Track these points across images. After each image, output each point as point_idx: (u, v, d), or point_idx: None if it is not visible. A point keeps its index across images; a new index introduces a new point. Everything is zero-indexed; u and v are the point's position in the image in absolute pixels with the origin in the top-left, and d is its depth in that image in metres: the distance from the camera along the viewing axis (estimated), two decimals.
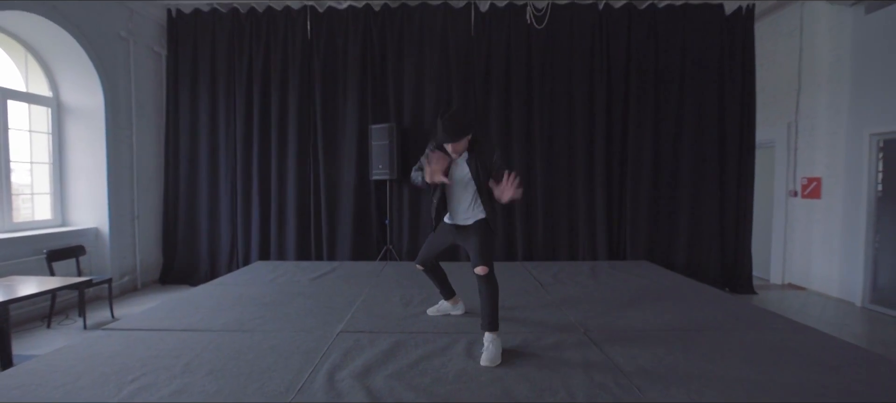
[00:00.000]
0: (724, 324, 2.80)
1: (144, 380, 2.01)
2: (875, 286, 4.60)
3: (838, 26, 4.94)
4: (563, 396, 1.89)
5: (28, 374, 2.09)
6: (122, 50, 5.17)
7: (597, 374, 2.08)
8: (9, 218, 4.33)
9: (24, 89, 4.58)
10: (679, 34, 5.25)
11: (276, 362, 2.22)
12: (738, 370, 2.13)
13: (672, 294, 3.52)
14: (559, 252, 5.31)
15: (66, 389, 1.93)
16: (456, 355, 2.31)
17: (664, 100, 5.28)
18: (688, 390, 1.93)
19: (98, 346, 2.41)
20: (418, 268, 2.86)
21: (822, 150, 5.18)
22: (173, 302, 3.32)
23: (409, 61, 5.33)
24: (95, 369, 2.13)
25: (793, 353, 2.34)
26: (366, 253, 5.39)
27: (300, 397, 1.88)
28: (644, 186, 5.28)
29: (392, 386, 1.96)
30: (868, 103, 4.62)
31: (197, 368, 2.14)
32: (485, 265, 2.41)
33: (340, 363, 2.20)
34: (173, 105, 5.59)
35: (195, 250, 5.64)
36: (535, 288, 3.68)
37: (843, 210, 4.89)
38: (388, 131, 4.98)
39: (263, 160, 5.50)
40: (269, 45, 5.47)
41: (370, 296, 3.42)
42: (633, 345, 2.44)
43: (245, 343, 2.47)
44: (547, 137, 5.30)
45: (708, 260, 5.28)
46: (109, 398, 1.86)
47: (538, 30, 5.24)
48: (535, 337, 2.57)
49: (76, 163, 4.94)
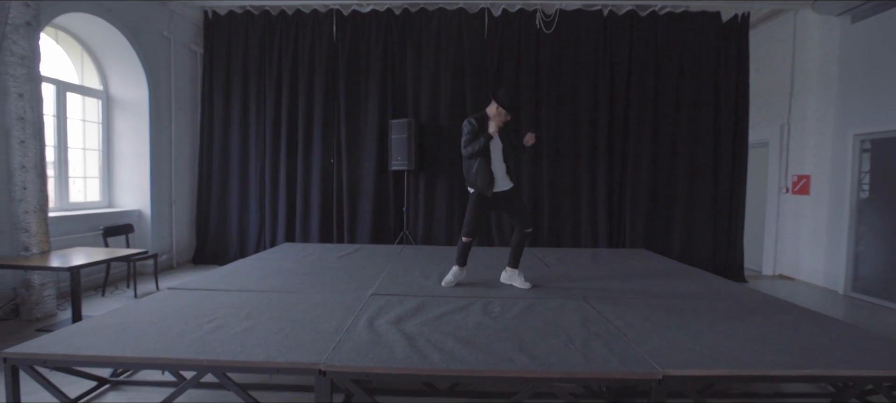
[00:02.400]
0: (705, 296, 3.20)
1: (218, 322, 2.45)
2: (856, 275, 4.96)
3: (827, 34, 5.30)
4: (563, 340, 2.30)
5: (120, 315, 2.54)
6: (164, 48, 5.64)
7: (592, 325, 2.50)
8: (66, 198, 4.81)
9: (78, 83, 5.06)
10: (678, 39, 5.63)
11: (323, 312, 2.65)
12: (711, 325, 2.54)
13: (664, 274, 3.92)
14: (563, 239, 5.72)
15: (157, 325, 2.37)
16: (474, 312, 2.73)
17: (663, 100, 5.67)
18: (666, 338, 2.34)
19: (169, 301, 2.86)
20: (465, 240, 3.32)
21: (811, 149, 5.54)
22: (220, 272, 3.77)
23: (427, 61, 5.77)
24: (174, 314, 2.57)
25: (760, 315, 2.74)
26: (384, 239, 5.84)
27: (348, 336, 2.30)
28: (643, 181, 5.67)
29: (422, 331, 2.39)
30: (853, 106, 4.98)
31: (259, 316, 2.57)
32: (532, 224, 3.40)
33: (377, 314, 2.63)
34: (208, 99, 6.06)
35: (225, 234, 6.11)
36: (540, 268, 4.09)
37: (829, 205, 5.25)
38: (407, 126, 5.41)
39: (290, 152, 5.96)
40: (298, 45, 5.92)
41: (393, 270, 3.85)
42: (625, 308, 2.85)
43: (293, 300, 2.90)
44: (553, 134, 5.71)
45: (702, 251, 5.66)
46: (194, 332, 2.30)
47: (547, 34, 5.66)
48: (540, 302, 2.98)
49: (122, 151, 5.42)
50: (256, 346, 2.12)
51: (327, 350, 2.09)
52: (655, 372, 1.94)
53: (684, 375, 1.95)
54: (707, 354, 2.12)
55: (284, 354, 2.04)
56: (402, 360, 2.02)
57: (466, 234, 3.30)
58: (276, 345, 2.13)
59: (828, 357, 2.13)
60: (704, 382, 2.28)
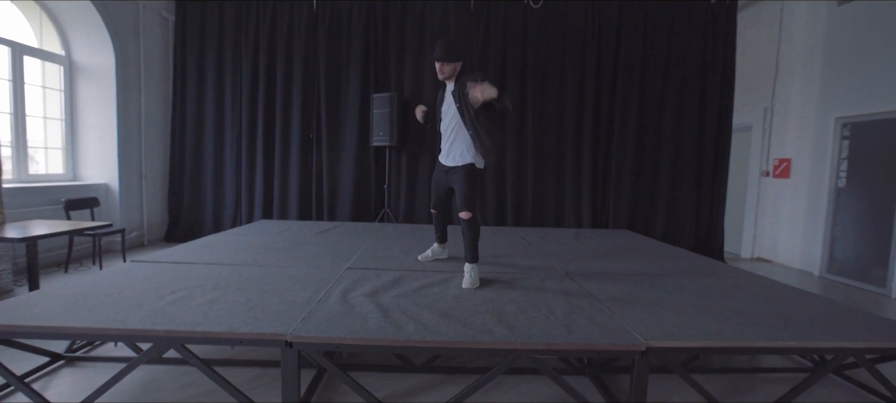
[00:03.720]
0: (687, 271, 3.17)
1: (182, 294, 2.30)
2: (832, 257, 5.04)
3: (814, 17, 5.29)
4: (545, 312, 2.23)
5: (75, 286, 2.36)
6: (132, 13, 5.33)
7: (574, 299, 2.43)
8: (25, 169, 4.53)
9: (37, 46, 4.74)
10: (666, 21, 5.55)
11: (295, 285, 2.52)
12: (694, 300, 2.50)
13: (648, 253, 3.89)
14: (546, 219, 5.67)
15: (114, 297, 2.22)
16: (453, 285, 2.64)
17: (650, 82, 5.61)
18: (649, 312, 2.28)
19: (133, 272, 2.69)
20: (433, 212, 3.16)
21: (793, 133, 5.57)
22: (190, 246, 3.59)
23: (411, 34, 5.58)
24: (136, 286, 2.41)
25: (742, 291, 2.71)
26: (365, 216, 5.70)
27: (319, 308, 2.18)
28: (628, 162, 5.63)
29: (398, 303, 2.28)
30: (836, 89, 4.99)
31: (226, 287, 2.43)
32: (468, 210, 2.73)
33: (351, 287, 2.52)
34: (180, 69, 5.78)
35: (199, 210, 5.89)
36: (523, 246, 4.02)
37: (808, 188, 5.30)
38: (389, 100, 5.25)
39: (268, 125, 5.74)
40: (276, 14, 5.66)
41: (372, 246, 3.73)
42: (607, 282, 2.80)
43: (265, 273, 2.77)
44: (538, 113, 5.60)
45: (683, 232, 5.68)
46: (154, 302, 2.15)
47: (534, 10, 5.52)
48: (522, 276, 2.90)
49: (87, 122, 5.13)
50: (219, 317, 1.99)
51: (296, 321, 1.98)
52: (639, 344, 1.87)
53: (668, 347, 1.90)
54: (690, 327, 2.07)
55: (249, 325, 1.91)
56: (375, 331, 1.92)
57: (432, 205, 3.19)
58: (241, 317, 2.00)
59: (809, 330, 2.10)
60: (688, 353, 2.24)
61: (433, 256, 3.29)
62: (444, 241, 3.29)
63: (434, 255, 3.29)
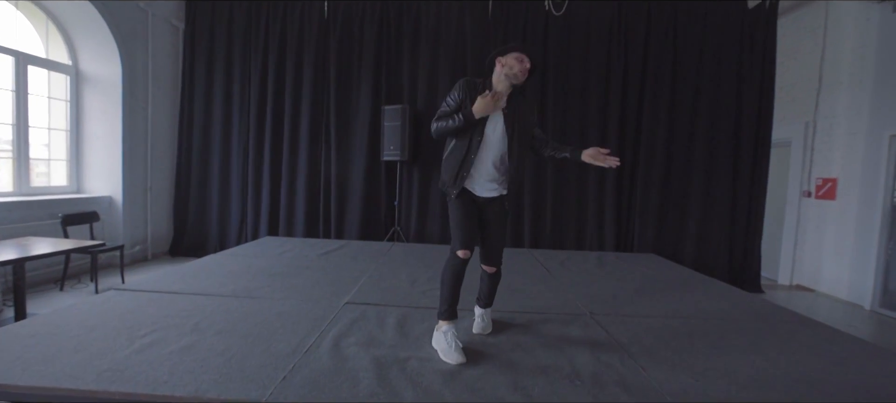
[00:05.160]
0: (730, 315, 2.78)
1: (155, 336, 2.05)
2: (886, 289, 4.53)
3: (864, 24, 4.82)
4: (568, 372, 1.89)
5: (42, 325, 2.14)
6: (141, 22, 5.20)
7: (602, 354, 2.09)
8: (26, 182, 4.41)
9: (43, 56, 4.64)
10: (699, 27, 5.16)
11: (283, 326, 2.25)
12: (745, 357, 2.12)
13: (679, 285, 3.50)
14: (566, 241, 5.29)
15: (79, 340, 1.98)
16: (462, 330, 2.32)
17: (680, 92, 5.22)
18: (693, 373, 1.93)
19: (111, 304, 2.46)
20: (464, 255, 2.08)
21: (839, 151, 5.08)
22: (184, 269, 3.37)
23: (425, 45, 5.31)
24: (108, 323, 2.17)
25: (799, 344, 2.32)
26: (373, 234, 5.42)
27: (306, 359, 1.90)
28: (655, 179, 5.23)
29: (397, 356, 1.98)
30: (890, 104, 4.52)
31: (206, 328, 2.17)
32: (500, 264, 2.24)
33: (347, 330, 2.23)
34: (189, 79, 5.63)
35: (205, 224, 5.71)
36: (542, 274, 3.68)
37: (858, 212, 4.81)
38: (401, 112, 4.98)
39: (276, 138, 5.54)
40: (286, 24, 5.47)
41: (377, 273, 3.45)
42: (639, 329, 2.44)
43: (253, 308, 2.50)
44: (559, 126, 5.26)
45: (716, 256, 5.23)
46: (121, 348, 1.90)
47: (556, 17, 5.19)
48: (541, 319, 2.57)
49: (92, 132, 5.00)
50: (188, 373, 1.72)
51: (275, 380, 1.69)
52: None
53: None
54: (745, 395, 1.71)
55: (219, 385, 1.64)
56: (366, 396, 1.62)
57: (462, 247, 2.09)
58: (213, 373, 1.73)
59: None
60: None
61: (480, 326, 2.34)
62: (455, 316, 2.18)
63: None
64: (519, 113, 2.14)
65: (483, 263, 2.27)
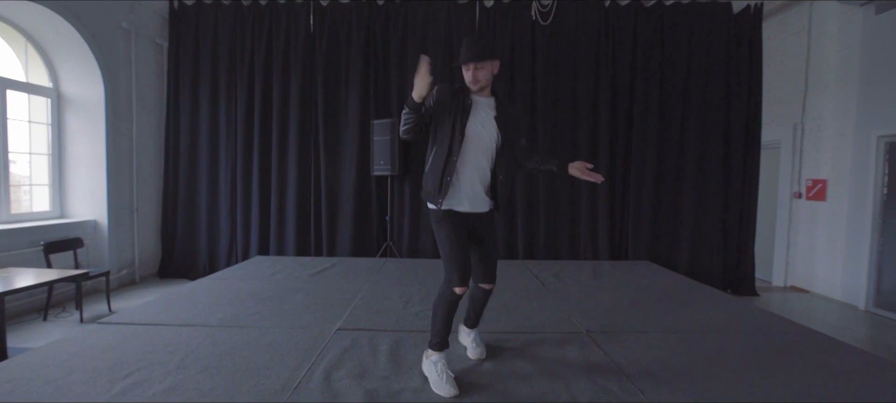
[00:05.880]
0: (728, 327, 2.76)
1: (138, 376, 1.97)
2: (879, 289, 4.55)
3: (847, 26, 4.88)
4: (566, 398, 1.85)
5: (20, 367, 2.05)
6: (124, 41, 5.11)
7: (600, 378, 2.04)
8: (6, 209, 4.29)
9: (23, 79, 4.54)
10: (686, 32, 5.18)
11: (272, 359, 2.18)
12: (743, 372, 2.09)
13: (674, 295, 3.48)
14: (560, 250, 5.26)
15: (57, 384, 1.89)
16: (456, 356, 2.27)
17: (669, 98, 5.23)
18: (692, 392, 1.89)
19: (92, 340, 2.38)
20: (462, 292, 1.96)
21: (827, 152, 5.12)
22: (170, 296, 3.28)
23: (413, 56, 5.27)
24: (88, 363, 2.09)
25: (798, 356, 2.30)
26: (366, 250, 5.36)
27: (296, 396, 1.84)
28: (647, 185, 5.23)
29: (390, 388, 1.92)
30: (876, 105, 4.56)
31: (191, 364, 2.10)
32: (495, 278, 2.18)
33: (338, 361, 2.17)
34: (174, 98, 5.54)
35: (194, 244, 5.60)
36: (536, 288, 3.64)
37: (848, 212, 4.83)
38: (390, 126, 4.93)
39: (264, 154, 5.46)
40: (272, 39, 5.41)
41: (369, 293, 3.38)
42: (636, 347, 2.40)
43: (241, 339, 2.43)
44: (550, 134, 5.24)
45: (710, 261, 5.23)
46: (101, 393, 1.82)
47: (543, 26, 5.19)
48: (537, 340, 2.52)
49: (75, 155, 4.89)
50: None
51: None
52: None
53: None
54: None
55: None
56: None
57: (461, 283, 1.95)
58: None
59: None
60: None
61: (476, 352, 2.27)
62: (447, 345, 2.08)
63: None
64: (506, 117, 2.06)
65: (480, 282, 2.18)
